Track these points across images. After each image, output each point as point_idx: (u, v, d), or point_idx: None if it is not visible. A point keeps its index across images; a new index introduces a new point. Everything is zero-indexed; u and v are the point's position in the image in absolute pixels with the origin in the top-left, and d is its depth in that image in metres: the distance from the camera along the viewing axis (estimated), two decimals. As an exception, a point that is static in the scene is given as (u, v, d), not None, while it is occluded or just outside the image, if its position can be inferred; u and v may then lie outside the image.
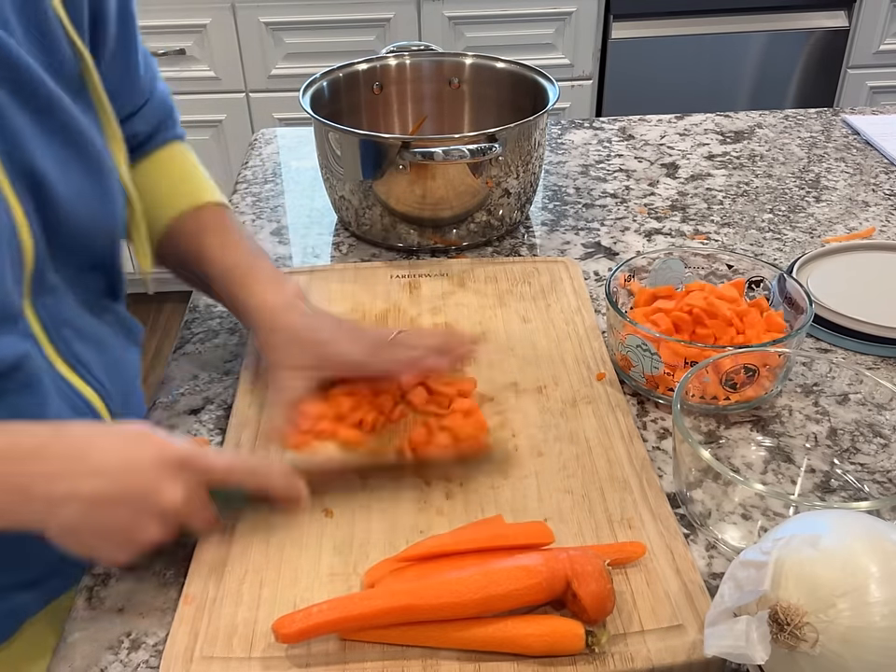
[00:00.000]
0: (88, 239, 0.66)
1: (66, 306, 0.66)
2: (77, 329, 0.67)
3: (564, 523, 0.61)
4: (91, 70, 0.64)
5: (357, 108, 1.08)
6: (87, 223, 0.65)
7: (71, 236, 0.64)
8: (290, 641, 0.52)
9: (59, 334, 0.65)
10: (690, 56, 2.22)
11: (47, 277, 0.63)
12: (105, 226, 0.67)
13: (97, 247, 0.69)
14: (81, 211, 0.63)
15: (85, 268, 0.69)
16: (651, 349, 0.70)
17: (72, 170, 0.62)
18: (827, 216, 1.05)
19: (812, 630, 0.44)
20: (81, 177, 0.63)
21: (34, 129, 0.59)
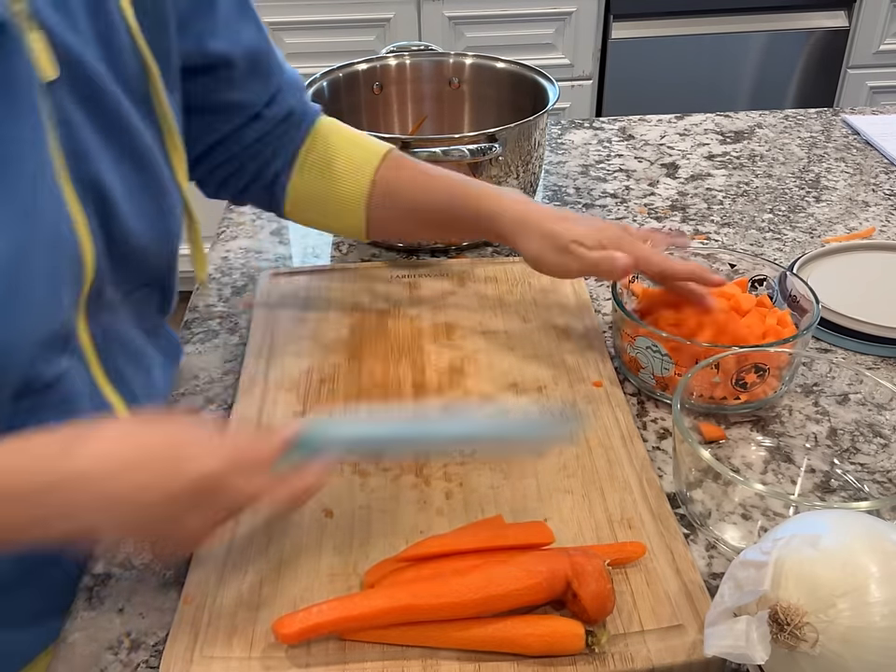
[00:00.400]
0: (146, 256, 0.65)
1: (120, 324, 0.66)
2: (126, 347, 0.67)
3: (564, 523, 0.61)
4: (157, 81, 0.62)
5: (357, 108, 1.08)
6: (146, 240, 0.64)
7: (131, 252, 0.63)
8: (290, 641, 0.52)
9: (109, 353, 0.64)
10: (690, 56, 2.22)
11: (105, 294, 0.62)
12: (163, 243, 0.67)
13: (154, 264, 0.68)
14: (142, 228, 0.63)
15: (141, 285, 0.68)
16: (662, 350, 0.70)
17: (134, 186, 0.62)
18: (827, 216, 1.05)
19: (812, 630, 0.44)
20: (142, 194, 0.63)
21: (100, 143, 0.58)
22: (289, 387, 0.75)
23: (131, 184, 0.61)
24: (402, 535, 0.60)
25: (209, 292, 0.91)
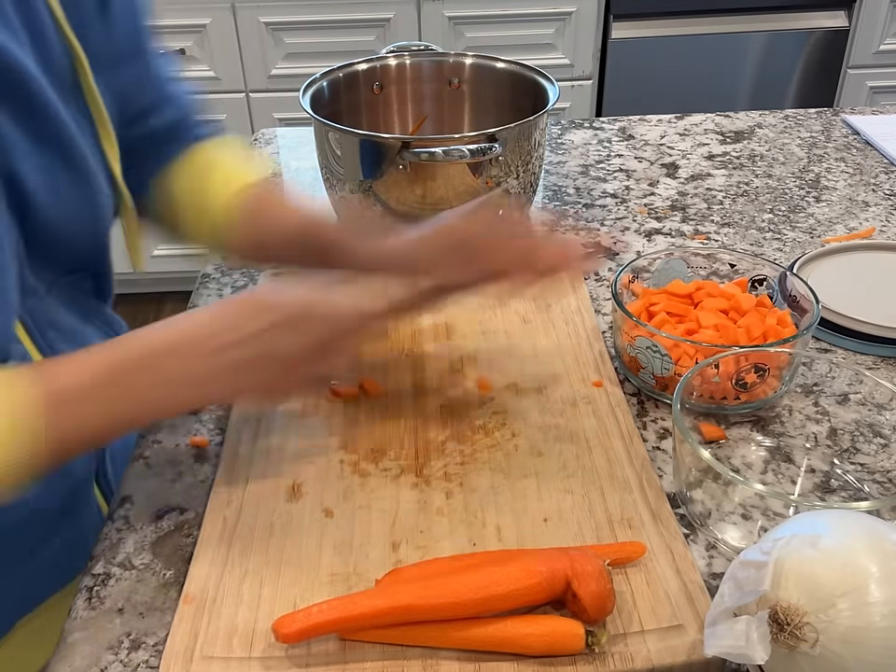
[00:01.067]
0: (70, 243, 0.66)
1: (50, 308, 0.66)
2: (62, 331, 0.67)
3: (564, 523, 0.61)
4: (86, 68, 0.63)
5: (357, 108, 1.08)
6: (69, 228, 0.64)
7: (51, 241, 0.63)
8: (290, 641, 0.52)
9: (43, 336, 0.65)
10: (690, 56, 2.22)
11: (26, 279, 0.63)
12: (88, 230, 0.67)
13: (81, 251, 0.68)
14: (63, 217, 0.63)
15: (68, 270, 0.68)
16: (662, 350, 0.70)
17: (56, 176, 0.61)
18: (827, 216, 1.05)
19: (812, 630, 0.44)
20: (66, 183, 0.62)
21: (19, 133, 0.58)
22: (289, 387, 0.75)
23: (51, 173, 0.61)
24: (402, 535, 0.60)
25: (209, 292, 0.91)
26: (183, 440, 0.71)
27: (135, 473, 0.68)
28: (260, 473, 0.66)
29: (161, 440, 0.71)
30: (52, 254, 0.65)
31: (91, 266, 0.72)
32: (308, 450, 0.68)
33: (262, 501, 0.63)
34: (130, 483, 0.67)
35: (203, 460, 0.69)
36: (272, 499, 0.63)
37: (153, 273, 2.33)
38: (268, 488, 0.64)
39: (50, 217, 0.62)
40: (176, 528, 0.63)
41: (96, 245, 0.70)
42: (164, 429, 0.72)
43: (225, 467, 0.67)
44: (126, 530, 0.63)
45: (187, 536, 0.62)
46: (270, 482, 0.65)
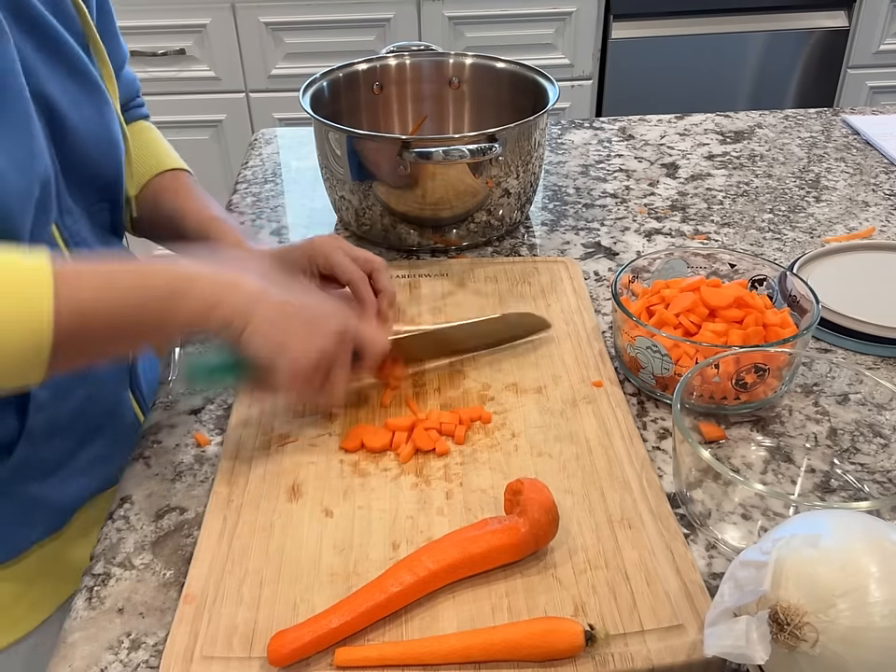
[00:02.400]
0: (96, 167, 0.72)
1: (83, 230, 0.71)
2: (93, 253, 0.72)
3: (563, 522, 0.61)
4: (90, 24, 0.71)
5: (357, 108, 1.08)
6: (96, 150, 0.71)
7: (81, 161, 0.69)
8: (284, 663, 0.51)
9: (79, 254, 0.69)
10: (690, 56, 2.22)
11: (64, 200, 0.68)
12: (111, 154, 0.73)
13: (104, 177, 0.74)
14: (90, 138, 0.69)
15: (94, 198, 0.74)
16: (662, 350, 0.70)
17: (79, 100, 0.68)
18: (827, 216, 1.05)
19: (812, 630, 0.44)
20: (88, 107, 0.69)
21: (42, 59, 0.65)
22: (289, 387, 0.75)
23: (74, 96, 0.68)
24: (402, 535, 0.60)
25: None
26: (183, 440, 0.71)
27: (135, 473, 0.68)
28: (260, 473, 0.66)
29: (161, 440, 0.71)
30: (83, 176, 0.70)
31: (110, 195, 0.76)
32: (308, 450, 0.68)
33: (262, 501, 0.63)
34: (130, 482, 0.67)
35: (203, 460, 0.69)
36: (272, 499, 0.63)
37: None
38: (268, 488, 0.64)
39: (79, 138, 0.68)
40: (176, 528, 0.63)
41: (116, 173, 0.75)
42: (164, 429, 0.72)
43: (225, 467, 0.67)
44: (126, 530, 0.63)
45: (187, 536, 0.62)
46: (270, 482, 0.65)
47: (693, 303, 0.74)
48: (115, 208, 0.78)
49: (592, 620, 0.54)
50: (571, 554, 0.58)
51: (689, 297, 0.74)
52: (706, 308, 0.74)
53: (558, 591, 0.56)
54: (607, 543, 0.59)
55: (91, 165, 0.71)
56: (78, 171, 0.69)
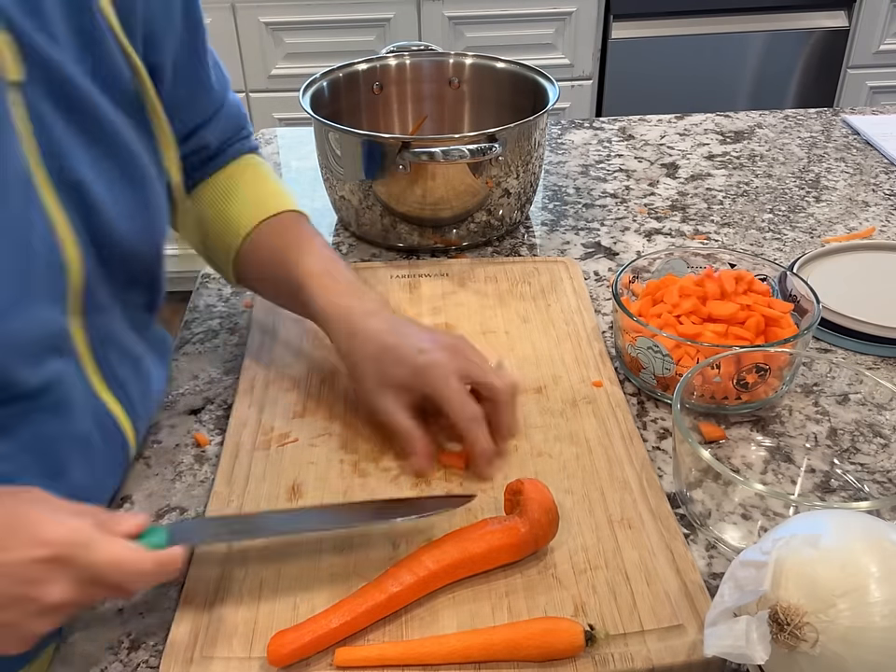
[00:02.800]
0: (133, 253, 0.64)
1: (114, 324, 0.65)
2: (120, 348, 0.65)
3: (564, 522, 0.61)
4: (146, 81, 0.62)
5: (357, 108, 1.08)
6: (132, 237, 0.63)
7: (118, 251, 0.62)
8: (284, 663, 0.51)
9: (104, 354, 0.63)
10: (690, 56, 2.22)
11: (97, 295, 0.61)
12: (149, 240, 0.65)
13: (142, 262, 0.67)
14: (127, 225, 0.62)
15: (130, 284, 0.66)
16: (663, 350, 0.70)
17: (116, 183, 0.61)
18: (827, 216, 1.05)
19: (812, 630, 0.44)
20: (126, 191, 0.61)
21: (79, 142, 0.57)
22: (289, 387, 0.75)
23: (113, 182, 0.60)
24: (402, 535, 0.60)
25: (209, 292, 0.91)
26: (183, 440, 0.71)
27: (135, 473, 0.68)
28: (260, 473, 0.66)
29: (161, 440, 0.71)
30: (119, 265, 0.63)
31: (149, 277, 0.69)
32: (308, 450, 0.68)
33: (262, 501, 0.63)
34: (130, 482, 0.67)
35: (203, 460, 0.69)
36: (272, 499, 0.63)
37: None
38: (268, 488, 0.64)
39: (117, 226, 0.60)
40: (176, 528, 0.63)
41: (155, 258, 0.68)
42: (164, 429, 0.72)
43: (225, 467, 0.66)
44: (126, 530, 0.63)
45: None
46: (270, 482, 0.65)
47: (694, 305, 0.74)
48: (153, 286, 0.71)
49: (592, 620, 0.54)
50: (571, 554, 0.58)
51: (690, 300, 0.74)
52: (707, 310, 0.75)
53: (558, 591, 0.56)
54: (607, 543, 0.59)
55: (130, 255, 0.63)
56: (114, 260, 0.62)
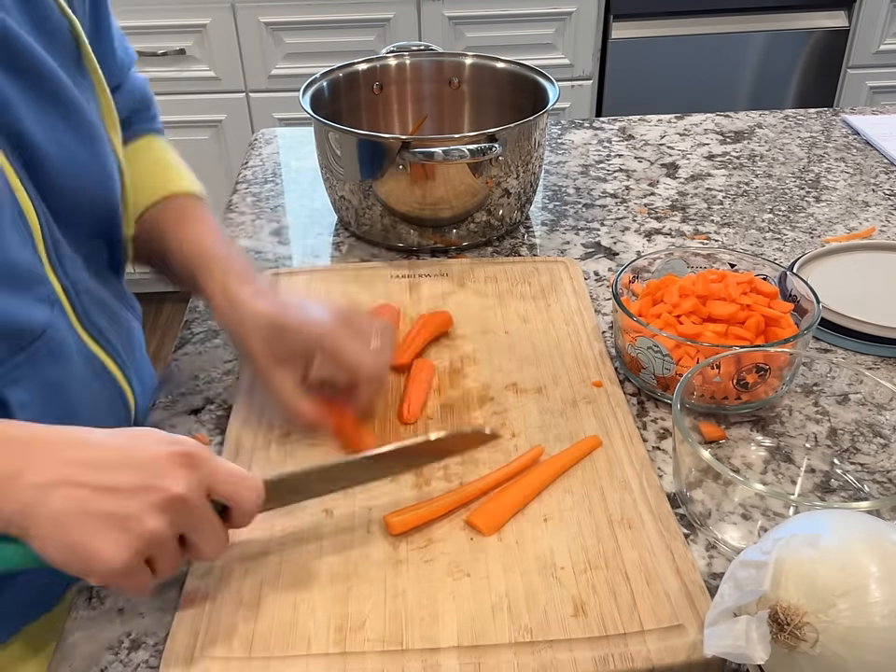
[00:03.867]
0: (86, 206, 0.65)
1: (82, 274, 0.66)
2: (95, 298, 0.67)
3: (564, 522, 0.61)
4: (82, 37, 0.64)
5: (357, 108, 1.08)
6: (83, 189, 0.64)
7: (69, 202, 0.63)
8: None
9: (80, 301, 0.65)
10: (690, 56, 2.22)
11: (59, 243, 0.63)
12: (101, 193, 0.67)
13: (97, 215, 0.68)
14: (76, 177, 0.63)
15: (88, 236, 0.68)
16: (664, 350, 0.70)
17: (63, 136, 0.62)
18: (827, 216, 1.05)
19: (812, 630, 0.44)
20: (74, 144, 0.63)
21: (21, 95, 0.59)
22: (289, 387, 0.75)
23: (59, 134, 0.61)
24: (402, 535, 0.60)
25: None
26: (183, 440, 0.71)
27: (135, 473, 0.68)
28: (260, 473, 0.66)
29: (161, 440, 0.71)
30: (72, 217, 0.64)
31: (106, 234, 0.71)
32: (308, 450, 0.68)
33: (262, 501, 0.63)
34: (130, 483, 0.67)
35: (203, 460, 0.69)
36: (272, 499, 0.63)
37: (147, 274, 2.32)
38: (268, 488, 0.64)
39: (65, 178, 0.62)
40: (176, 528, 0.63)
41: (110, 211, 0.69)
42: (164, 429, 0.72)
43: (225, 467, 0.66)
44: (126, 530, 0.63)
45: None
46: (270, 482, 0.65)
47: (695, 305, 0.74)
48: (112, 246, 0.72)
49: (592, 620, 0.54)
50: (571, 554, 0.58)
51: (690, 300, 0.74)
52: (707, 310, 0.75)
53: (558, 591, 0.56)
54: (607, 543, 0.59)
55: (85, 207, 0.65)
56: (71, 214, 0.64)
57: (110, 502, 0.47)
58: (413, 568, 0.58)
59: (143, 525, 0.48)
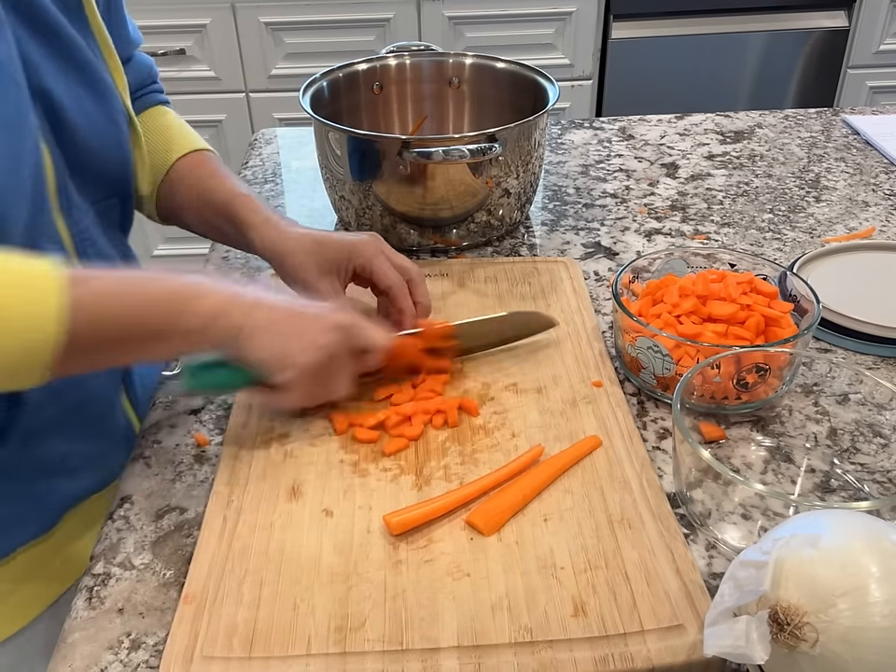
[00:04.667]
0: (101, 162, 0.70)
1: (91, 228, 0.70)
2: (98, 251, 0.71)
3: (563, 522, 0.61)
4: (95, 12, 0.69)
5: (357, 108, 1.08)
6: (98, 145, 0.69)
7: (86, 157, 0.68)
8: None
9: (84, 252, 0.69)
10: (690, 56, 2.22)
11: (72, 196, 0.67)
12: (115, 149, 0.72)
13: (110, 172, 0.73)
14: (92, 133, 0.68)
15: (101, 194, 0.72)
16: (664, 350, 0.70)
17: (80, 94, 0.67)
18: (827, 216, 1.05)
19: (812, 630, 0.44)
20: (90, 101, 0.68)
21: (44, 54, 0.63)
22: (289, 387, 0.75)
23: (77, 92, 0.66)
24: (402, 535, 0.60)
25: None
26: (183, 440, 0.71)
27: (135, 473, 0.68)
28: (260, 473, 0.66)
29: (161, 440, 0.71)
30: (88, 171, 0.69)
31: (119, 191, 0.75)
32: (308, 450, 0.68)
33: (262, 501, 0.63)
34: (130, 482, 0.67)
35: (203, 460, 0.69)
36: (272, 499, 0.63)
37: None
38: (268, 488, 0.64)
39: (82, 133, 0.67)
40: (176, 528, 0.63)
41: (123, 168, 0.74)
42: (164, 429, 0.72)
43: (225, 467, 0.66)
44: (126, 530, 0.63)
45: (187, 536, 0.62)
46: (270, 482, 0.65)
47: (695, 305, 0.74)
48: (124, 204, 0.77)
49: (592, 620, 0.54)
50: (571, 554, 0.58)
51: (690, 300, 0.74)
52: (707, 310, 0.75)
53: (558, 591, 0.56)
54: (607, 543, 0.59)
55: (98, 161, 0.70)
56: (84, 167, 0.69)
57: (299, 321, 0.64)
58: (413, 568, 0.58)
59: (323, 338, 0.64)
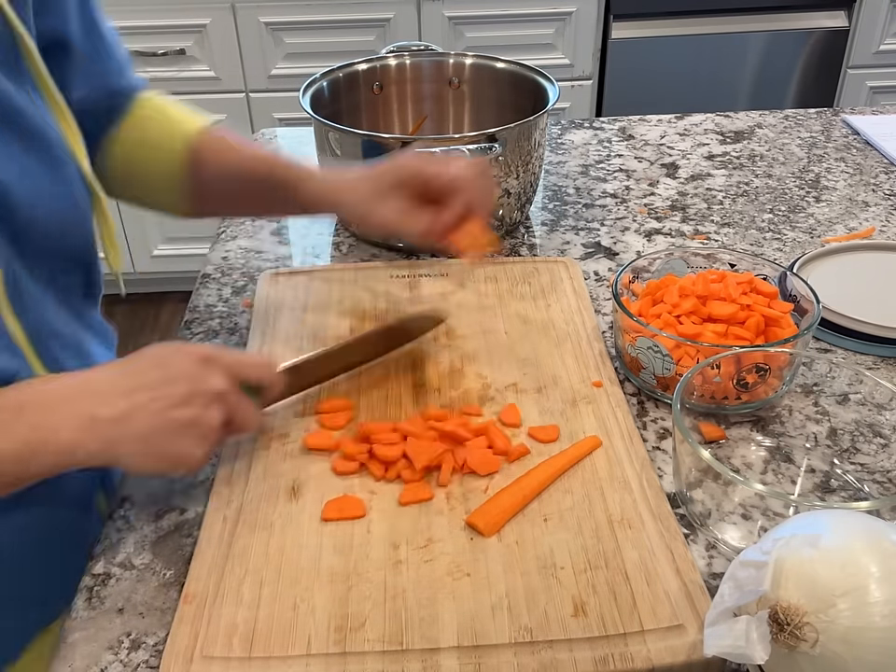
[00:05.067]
0: (58, 238, 0.64)
1: (48, 313, 0.65)
2: (60, 338, 0.66)
3: (563, 522, 0.61)
4: (33, 51, 0.61)
5: (357, 108, 1.08)
6: (52, 221, 0.63)
7: (39, 237, 0.62)
8: None
9: (44, 345, 0.63)
10: (690, 56, 2.22)
11: (21, 283, 0.61)
12: (72, 223, 0.66)
13: (69, 246, 0.67)
14: (45, 211, 0.62)
15: (60, 268, 0.67)
16: (664, 350, 0.70)
17: (30, 170, 0.60)
18: (827, 216, 1.05)
19: (812, 630, 0.44)
20: (41, 177, 0.61)
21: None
22: (289, 387, 0.75)
23: (20, 164, 0.59)
24: (402, 535, 0.60)
25: (209, 292, 0.91)
26: (183, 440, 0.71)
27: (135, 473, 0.68)
28: (260, 473, 0.66)
29: (161, 440, 0.71)
30: (42, 251, 0.63)
31: (81, 263, 0.70)
32: (308, 450, 0.68)
33: (262, 501, 0.63)
34: (130, 482, 0.67)
35: (203, 460, 0.69)
36: (272, 499, 0.63)
37: (153, 272, 2.34)
38: (268, 488, 0.64)
39: (33, 213, 0.61)
40: (176, 528, 0.63)
41: (84, 240, 0.68)
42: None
43: (225, 467, 0.67)
44: (126, 530, 0.63)
45: (187, 536, 0.62)
46: (270, 482, 0.65)
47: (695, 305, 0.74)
48: (88, 270, 0.71)
49: (592, 620, 0.54)
50: (571, 554, 0.58)
51: (690, 300, 0.74)
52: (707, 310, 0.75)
53: (558, 591, 0.56)
54: (607, 543, 0.59)
55: (52, 239, 0.63)
56: (36, 249, 0.62)
57: (177, 413, 0.56)
58: (413, 568, 0.58)
59: (208, 422, 0.58)
